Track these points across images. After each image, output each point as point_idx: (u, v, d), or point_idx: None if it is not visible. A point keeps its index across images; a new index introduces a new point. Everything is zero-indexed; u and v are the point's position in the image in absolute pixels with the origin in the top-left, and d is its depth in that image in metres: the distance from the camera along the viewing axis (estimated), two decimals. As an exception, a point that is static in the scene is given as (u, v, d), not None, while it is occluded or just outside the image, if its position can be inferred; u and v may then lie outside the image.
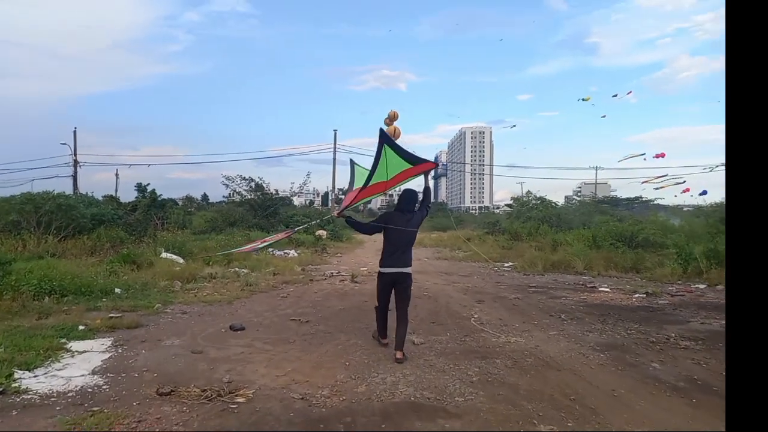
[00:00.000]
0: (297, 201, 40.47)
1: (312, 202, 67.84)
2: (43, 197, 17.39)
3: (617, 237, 14.87)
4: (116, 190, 51.67)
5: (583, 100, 50.05)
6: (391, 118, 5.74)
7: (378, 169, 5.11)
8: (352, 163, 7.28)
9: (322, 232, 25.81)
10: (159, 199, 27.21)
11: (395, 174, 5.37)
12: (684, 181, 35.39)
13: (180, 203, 59.98)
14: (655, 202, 44.93)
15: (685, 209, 38.01)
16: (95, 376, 4.59)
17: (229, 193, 29.86)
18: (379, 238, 5.57)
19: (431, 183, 6.00)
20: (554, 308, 7.99)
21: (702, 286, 10.32)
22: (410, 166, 5.33)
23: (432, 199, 6.07)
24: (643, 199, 52.29)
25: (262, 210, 26.44)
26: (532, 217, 30.04)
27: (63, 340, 5.80)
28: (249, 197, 27.12)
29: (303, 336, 6.18)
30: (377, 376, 4.57)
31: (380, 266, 5.50)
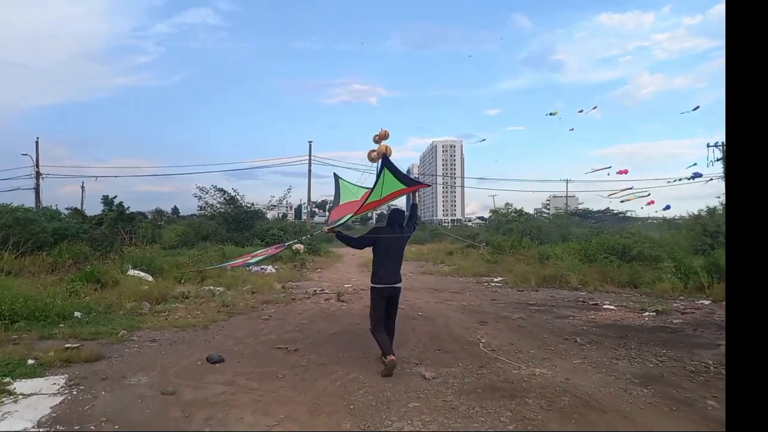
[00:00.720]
0: (270, 214, 39.40)
1: (285, 216, 66.59)
2: (-1, 210, 16.15)
3: (609, 250, 14.38)
4: (82, 204, 49.61)
5: (550, 114, 49.74)
6: (381, 137, 5.83)
7: (375, 190, 5.34)
8: (337, 177, 7.26)
9: (300, 247, 24.80)
10: (127, 212, 25.96)
11: (388, 193, 5.53)
12: (648, 194, 35.56)
13: (149, 217, 58.12)
14: (626, 215, 45.39)
15: (649, 221, 38.45)
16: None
17: (201, 206, 28.62)
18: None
19: (417, 199, 6.21)
20: (565, 330, 7.31)
21: (707, 302, 9.81)
22: (404, 186, 5.48)
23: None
24: (614, 212, 52.77)
25: (236, 223, 25.35)
26: (512, 229, 29.68)
27: (6, 380, 4.87)
28: (222, 210, 25.98)
29: (293, 369, 5.34)
30: (391, 425, 3.77)
31: (374, 282, 5.57)
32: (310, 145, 40.55)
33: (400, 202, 8.52)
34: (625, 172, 36.41)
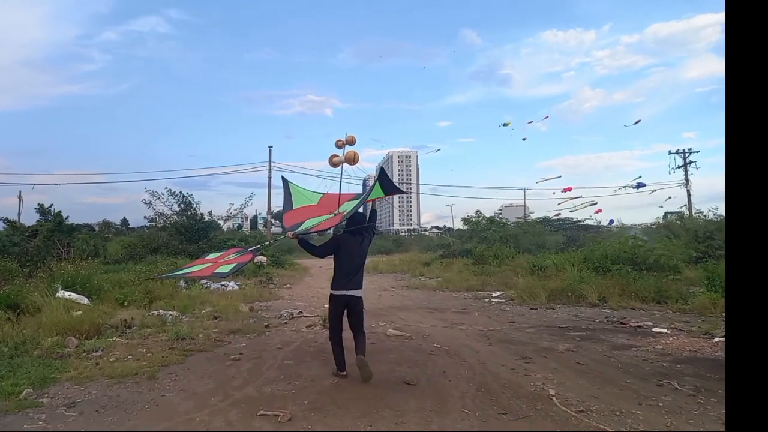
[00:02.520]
0: (224, 226, 36.76)
1: (240, 226, 63.56)
2: None
3: (620, 260, 12.82)
4: (19, 215, 45.71)
5: (504, 125, 49.77)
6: (348, 142, 5.65)
7: (357, 204, 5.54)
8: (285, 180, 6.80)
9: (263, 259, 22.61)
10: (66, 222, 23.14)
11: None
12: (596, 203, 35.51)
13: (96, 229, 54.15)
14: (585, 223, 45.02)
15: (613, 230, 38.20)
16: None
17: (153, 217, 25.80)
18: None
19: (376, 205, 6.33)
20: (642, 368, 5.54)
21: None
22: (383, 194, 5.61)
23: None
24: (574, 220, 52.45)
25: (191, 234, 22.78)
26: (486, 237, 28.23)
27: None
28: (175, 218, 23.33)
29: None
30: None
31: (332, 289, 5.42)
32: (270, 151, 38.18)
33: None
34: (569, 189, 36.55)
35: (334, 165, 5.77)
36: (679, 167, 40.27)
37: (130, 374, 5.50)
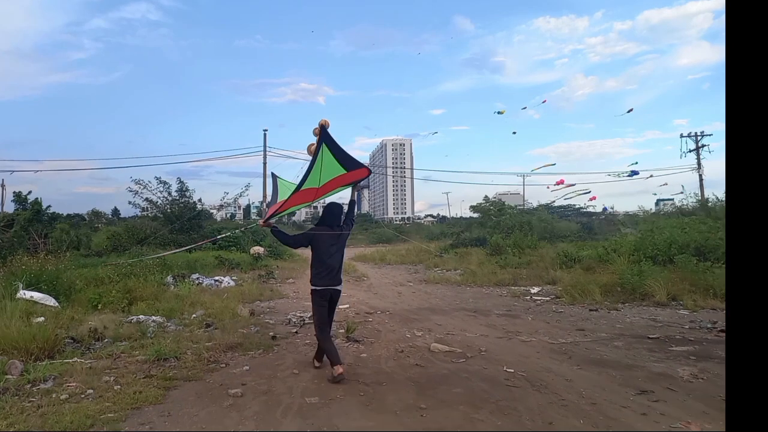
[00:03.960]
0: (217, 215, 34.81)
1: (233, 216, 61.79)
2: None
3: (682, 248, 10.98)
4: (2, 205, 43.72)
5: (498, 113, 48.57)
6: (323, 126, 4.92)
7: (312, 174, 4.90)
8: (274, 176, 6.49)
9: (259, 249, 20.82)
10: (45, 211, 21.22)
11: (327, 180, 5.18)
12: (590, 191, 34.04)
13: (87, 218, 52.01)
14: (587, 209, 43.39)
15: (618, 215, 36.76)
16: None
17: (137, 203, 23.91)
18: None
19: (356, 196, 5.82)
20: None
21: None
22: (345, 171, 5.17)
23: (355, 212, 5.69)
24: (576, 207, 50.79)
25: (182, 223, 20.91)
26: (499, 224, 26.53)
27: None
28: (167, 207, 21.40)
29: None
30: None
31: (314, 284, 5.17)
32: (264, 135, 36.03)
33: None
34: (562, 182, 35.33)
35: (312, 153, 5.22)
36: (690, 151, 38.73)
37: (83, 426, 3.72)
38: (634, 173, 37.18)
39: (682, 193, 32.93)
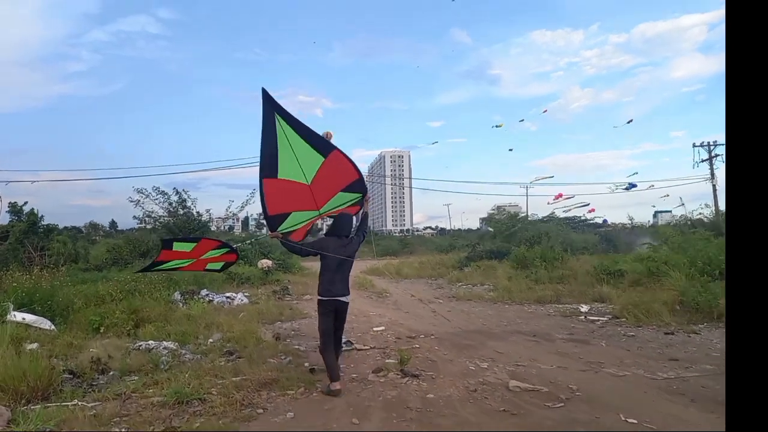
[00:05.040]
0: (213, 226, 33.64)
1: (232, 228, 60.57)
2: None
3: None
4: (-4, 216, 42.61)
5: (497, 126, 47.64)
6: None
7: (285, 162, 4.50)
8: (270, 100, 4.26)
9: (268, 262, 19.72)
10: (41, 223, 20.12)
11: (315, 173, 4.77)
12: (589, 204, 33.32)
13: (84, 231, 50.77)
14: (593, 221, 42.36)
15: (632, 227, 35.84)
16: None
17: (142, 217, 22.87)
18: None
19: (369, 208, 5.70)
20: None
21: None
22: (322, 157, 4.64)
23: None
24: (581, 218, 49.91)
25: (185, 234, 19.75)
26: (513, 234, 25.50)
27: None
28: (166, 217, 20.26)
29: None
30: None
31: (321, 295, 5.10)
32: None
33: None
34: (560, 196, 34.63)
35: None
36: (703, 161, 37.89)
37: None
38: (632, 186, 36.44)
39: (682, 205, 32.03)
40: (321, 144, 4.60)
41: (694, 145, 38.29)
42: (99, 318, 8.00)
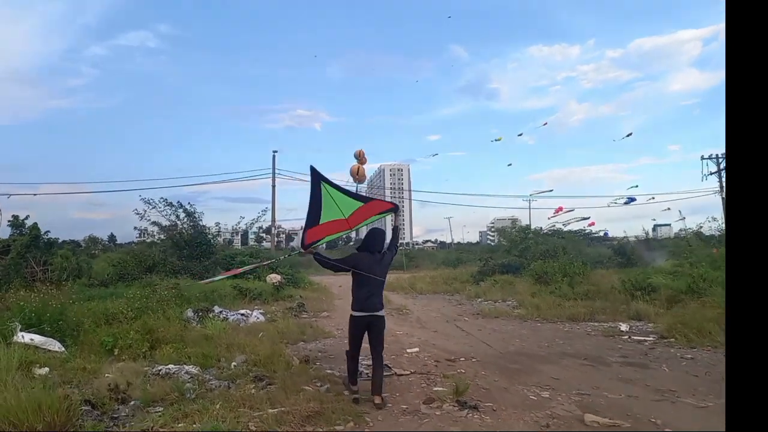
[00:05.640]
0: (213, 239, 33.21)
1: (231, 242, 59.92)
2: None
3: None
4: (-3, 230, 42.04)
5: (496, 140, 47.53)
6: (356, 156, 5.58)
7: (325, 208, 5.07)
8: (317, 174, 5.05)
9: (277, 277, 19.18)
10: (44, 236, 19.61)
11: (353, 211, 5.30)
12: (589, 217, 33.18)
13: (83, 245, 50.16)
14: (599, 234, 41.83)
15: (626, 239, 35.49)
16: None
17: (144, 229, 22.45)
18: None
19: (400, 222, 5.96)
20: None
21: None
22: (362, 203, 5.31)
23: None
24: (586, 231, 49.55)
25: (192, 249, 19.23)
26: (527, 248, 24.95)
27: None
28: (178, 230, 19.71)
29: None
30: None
31: (353, 309, 5.21)
32: (274, 157, 34.71)
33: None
34: (561, 209, 34.39)
35: (354, 175, 5.64)
36: (712, 173, 37.56)
37: None
38: (631, 200, 36.18)
39: (683, 219, 31.59)
40: (362, 197, 5.39)
41: (702, 158, 38.12)
42: (112, 339, 7.45)
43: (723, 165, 37.07)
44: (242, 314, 11.03)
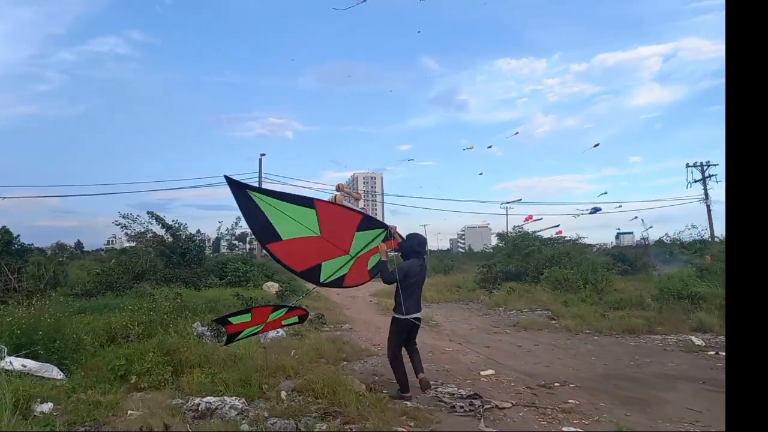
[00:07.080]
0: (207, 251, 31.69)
1: (207, 249, 57.94)
2: None
3: None
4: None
5: (468, 149, 47.87)
6: (338, 189, 5.56)
7: (277, 221, 4.71)
8: (241, 187, 4.65)
9: (275, 285, 17.95)
10: (16, 242, 17.94)
11: (317, 225, 4.94)
12: (558, 225, 33.23)
13: (48, 252, 47.46)
14: (579, 241, 41.60)
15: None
16: None
17: (109, 240, 20.82)
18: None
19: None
20: None
21: None
22: (312, 209, 4.83)
23: None
24: (566, 238, 49.38)
25: (181, 256, 17.73)
26: (531, 254, 24.07)
27: None
28: (165, 239, 18.25)
29: None
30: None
31: (398, 313, 5.38)
32: (260, 161, 33.46)
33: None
34: (530, 218, 34.30)
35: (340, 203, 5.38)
36: (696, 181, 37.64)
37: None
38: (596, 209, 36.09)
39: (650, 227, 31.54)
40: (302, 199, 4.81)
41: (687, 165, 38.19)
42: (125, 362, 6.10)
43: (708, 173, 37.26)
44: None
